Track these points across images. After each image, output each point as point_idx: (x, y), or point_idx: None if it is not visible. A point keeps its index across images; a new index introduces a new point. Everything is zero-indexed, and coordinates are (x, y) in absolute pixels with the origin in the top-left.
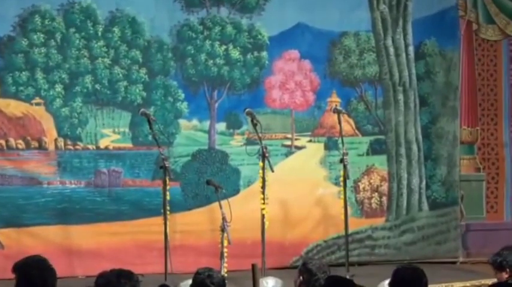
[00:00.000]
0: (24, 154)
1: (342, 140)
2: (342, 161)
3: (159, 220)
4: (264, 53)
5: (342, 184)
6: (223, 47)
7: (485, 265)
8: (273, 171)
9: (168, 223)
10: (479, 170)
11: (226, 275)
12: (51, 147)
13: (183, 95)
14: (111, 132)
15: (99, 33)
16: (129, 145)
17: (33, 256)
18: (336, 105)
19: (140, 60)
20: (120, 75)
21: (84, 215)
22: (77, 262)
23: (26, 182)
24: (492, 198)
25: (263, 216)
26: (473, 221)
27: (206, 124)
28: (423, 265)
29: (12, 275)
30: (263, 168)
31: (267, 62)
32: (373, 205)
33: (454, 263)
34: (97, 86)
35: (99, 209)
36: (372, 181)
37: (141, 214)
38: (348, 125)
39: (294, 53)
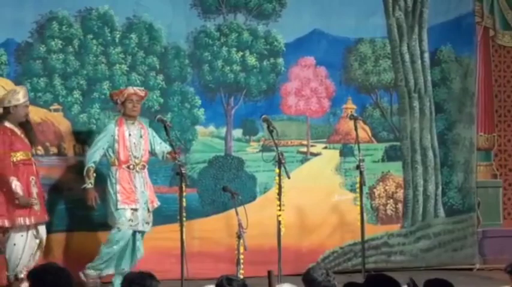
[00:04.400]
0: (43, 160)
1: (358, 146)
2: (358, 167)
3: (177, 226)
4: (280, 60)
5: (358, 190)
6: (240, 53)
7: (502, 272)
8: (289, 177)
9: (184, 229)
10: (496, 177)
11: None
12: (70, 153)
13: (199, 102)
14: None
15: (117, 40)
16: None
17: (48, 263)
18: (352, 112)
19: (157, 66)
20: (138, 81)
21: (104, 222)
22: None
23: (45, 188)
24: (509, 204)
25: (279, 222)
26: (489, 228)
27: (223, 131)
28: (440, 272)
29: None
30: (279, 174)
31: (283, 68)
32: (389, 212)
33: (470, 270)
34: None
35: None
36: (387, 187)
37: (160, 220)
38: (363, 131)
39: (310, 60)
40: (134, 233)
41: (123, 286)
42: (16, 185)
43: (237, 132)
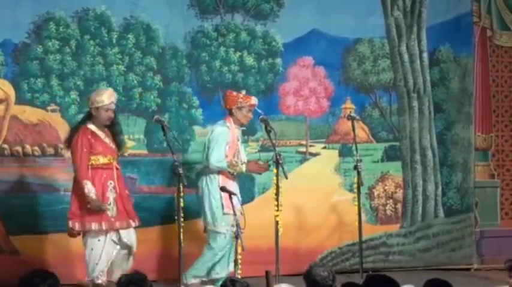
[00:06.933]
0: (40, 161)
1: (356, 146)
2: (355, 167)
3: (175, 226)
4: (279, 60)
5: (356, 190)
6: (238, 53)
7: (500, 272)
8: (287, 178)
9: (182, 229)
10: (494, 177)
11: None
12: (67, 154)
13: (197, 102)
14: (126, 139)
15: (114, 40)
16: (144, 151)
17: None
18: (350, 111)
19: (155, 67)
20: (135, 82)
21: None
22: None
23: (43, 189)
24: (506, 205)
25: (277, 223)
26: (487, 228)
27: None
28: (437, 272)
29: None
30: (277, 175)
31: (281, 68)
32: (388, 212)
33: (468, 270)
34: None
35: None
36: (386, 187)
37: (158, 220)
38: (362, 131)
39: (308, 60)
40: None
41: (121, 286)
42: (89, 188)
43: None
